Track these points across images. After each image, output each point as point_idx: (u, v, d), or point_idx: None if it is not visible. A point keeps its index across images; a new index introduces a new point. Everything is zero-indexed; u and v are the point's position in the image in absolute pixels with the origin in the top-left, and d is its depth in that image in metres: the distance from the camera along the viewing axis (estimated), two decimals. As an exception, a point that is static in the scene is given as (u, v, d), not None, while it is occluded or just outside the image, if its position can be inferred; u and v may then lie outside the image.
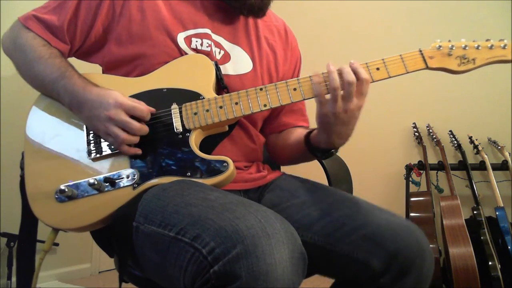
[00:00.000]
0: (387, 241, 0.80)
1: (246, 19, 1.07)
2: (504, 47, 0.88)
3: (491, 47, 0.88)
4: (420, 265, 0.80)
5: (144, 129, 0.84)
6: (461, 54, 0.89)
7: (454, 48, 0.89)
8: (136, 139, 0.84)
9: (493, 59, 0.88)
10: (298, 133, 1.06)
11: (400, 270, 0.79)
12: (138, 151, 0.85)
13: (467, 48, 0.89)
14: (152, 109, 0.86)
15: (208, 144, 0.90)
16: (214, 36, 1.00)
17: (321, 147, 0.94)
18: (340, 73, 0.83)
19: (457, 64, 0.89)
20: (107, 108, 0.82)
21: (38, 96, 0.95)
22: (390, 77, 0.88)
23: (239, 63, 1.01)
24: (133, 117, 0.83)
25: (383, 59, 0.89)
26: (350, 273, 0.85)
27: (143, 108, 0.84)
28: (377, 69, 0.88)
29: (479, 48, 0.88)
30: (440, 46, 0.90)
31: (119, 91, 0.87)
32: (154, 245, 0.73)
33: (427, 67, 0.89)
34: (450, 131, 2.21)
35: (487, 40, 0.89)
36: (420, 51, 0.90)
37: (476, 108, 2.21)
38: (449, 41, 0.91)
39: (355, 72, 0.83)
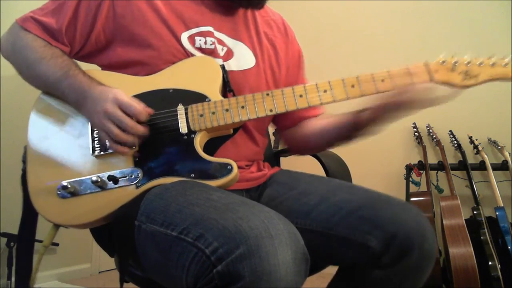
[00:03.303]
0: (385, 221, 0.80)
1: (245, 15, 1.07)
2: (505, 66, 0.89)
3: (492, 65, 0.89)
4: (421, 244, 0.79)
5: (137, 128, 0.82)
6: (464, 70, 0.90)
7: (457, 63, 0.90)
8: (129, 138, 0.82)
9: (495, 76, 0.89)
10: (324, 123, 1.06)
11: (400, 250, 0.79)
12: (127, 151, 0.83)
13: (469, 64, 0.90)
14: (150, 110, 0.84)
15: (210, 146, 0.90)
16: (216, 33, 0.99)
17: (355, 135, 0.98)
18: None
19: (460, 79, 0.90)
20: (105, 102, 0.82)
21: (42, 92, 0.94)
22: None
23: (242, 59, 1.01)
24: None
25: (388, 71, 0.89)
26: (350, 257, 0.84)
27: (138, 107, 0.82)
28: (382, 80, 0.89)
29: (482, 64, 0.90)
30: (444, 61, 0.91)
31: (125, 89, 0.87)
32: (156, 244, 0.73)
33: (431, 80, 0.90)
34: (450, 131, 2.22)
35: (489, 57, 0.90)
36: (426, 64, 0.90)
37: (476, 108, 2.21)
38: (453, 56, 0.92)
39: None
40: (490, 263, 1.62)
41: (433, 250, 0.82)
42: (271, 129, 1.26)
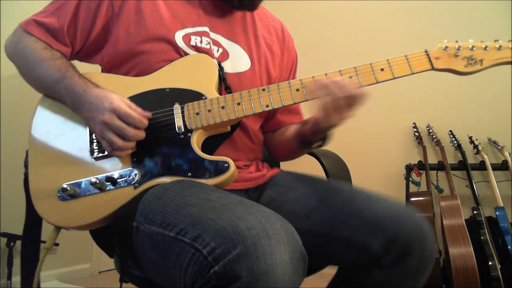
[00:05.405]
0: (386, 223, 0.80)
1: (244, 18, 1.07)
2: None
3: (499, 48, 0.86)
4: (421, 247, 0.79)
5: (139, 134, 0.83)
6: (468, 55, 0.86)
7: (461, 48, 0.87)
8: (130, 145, 0.83)
9: (502, 60, 0.85)
10: (292, 130, 1.08)
11: (400, 253, 0.79)
12: (126, 154, 0.85)
13: (474, 48, 0.86)
14: (148, 114, 0.84)
15: (209, 145, 0.90)
16: (212, 34, 1.00)
17: (315, 140, 1.00)
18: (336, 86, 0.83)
19: (464, 65, 0.86)
20: (102, 112, 0.82)
21: (43, 95, 0.96)
22: (394, 78, 0.87)
23: (237, 61, 1.01)
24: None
25: (387, 60, 0.87)
26: (351, 258, 0.84)
27: (136, 116, 0.82)
28: (382, 69, 0.86)
29: (487, 48, 0.86)
30: (446, 47, 0.87)
31: (122, 91, 0.88)
32: (154, 245, 0.73)
33: (433, 68, 0.87)
34: (450, 131, 2.21)
35: (496, 40, 0.87)
36: (426, 51, 0.87)
37: (476, 108, 2.21)
38: (456, 41, 0.88)
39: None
40: (490, 263, 1.61)
41: (433, 253, 0.81)
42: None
